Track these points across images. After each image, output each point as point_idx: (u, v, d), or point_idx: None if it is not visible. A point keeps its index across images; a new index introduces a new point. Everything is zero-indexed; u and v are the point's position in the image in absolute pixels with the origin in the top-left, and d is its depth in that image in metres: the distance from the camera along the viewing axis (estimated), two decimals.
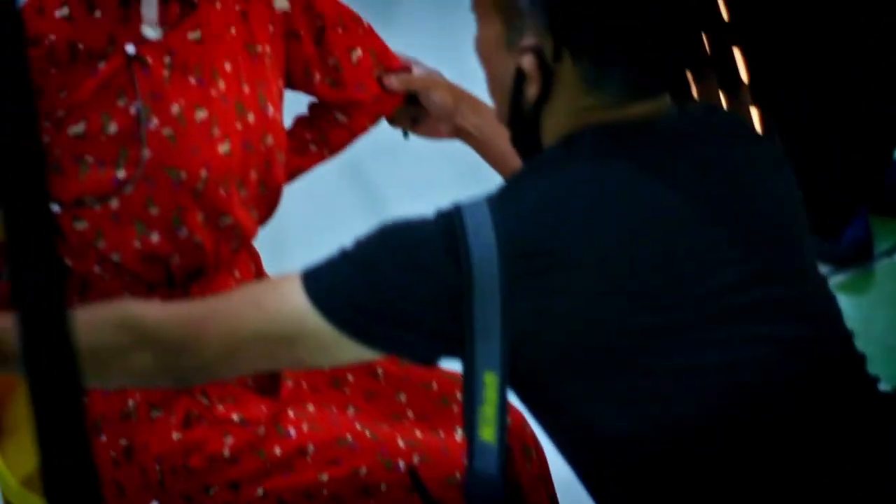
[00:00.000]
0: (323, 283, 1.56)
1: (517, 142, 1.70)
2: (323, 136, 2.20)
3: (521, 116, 1.65)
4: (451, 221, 1.55)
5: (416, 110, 2.22)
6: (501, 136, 1.80)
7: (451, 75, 2.22)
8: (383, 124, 2.26)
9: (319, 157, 2.22)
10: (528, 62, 1.60)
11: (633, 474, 1.61)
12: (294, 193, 2.19)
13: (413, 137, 2.28)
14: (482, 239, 1.52)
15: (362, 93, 2.16)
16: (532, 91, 1.61)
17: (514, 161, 1.78)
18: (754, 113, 2.19)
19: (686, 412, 1.56)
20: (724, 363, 1.56)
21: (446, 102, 2.17)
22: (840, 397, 1.64)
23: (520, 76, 1.61)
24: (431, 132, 2.24)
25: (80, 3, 1.86)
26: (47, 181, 0.98)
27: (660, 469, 1.59)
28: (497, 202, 1.56)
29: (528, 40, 1.60)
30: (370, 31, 2.18)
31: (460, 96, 2.18)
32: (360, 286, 1.55)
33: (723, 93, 2.21)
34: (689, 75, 2.20)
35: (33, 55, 1.79)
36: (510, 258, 1.52)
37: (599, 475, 1.64)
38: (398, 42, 2.23)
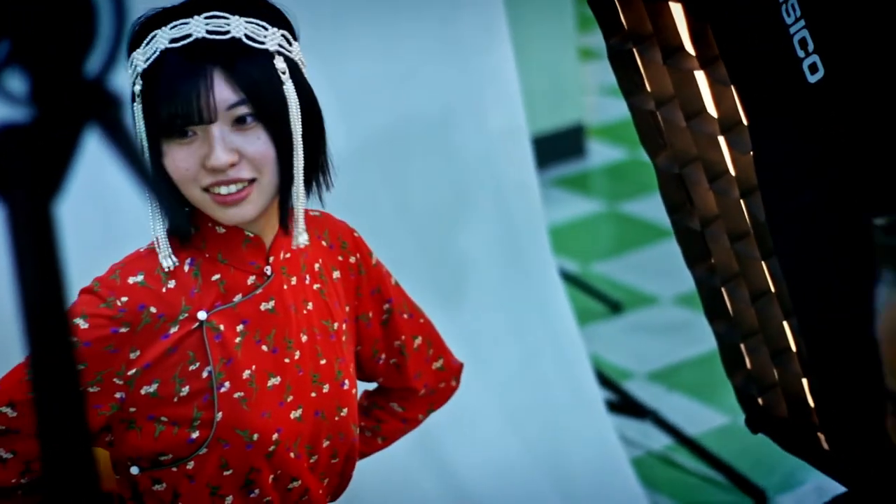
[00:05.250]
0: None
1: None
2: (378, 424, 2.27)
3: None
4: None
5: None
6: None
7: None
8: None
9: (373, 446, 2.27)
10: None
11: None
12: (367, 465, 2.24)
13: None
14: None
15: (419, 382, 2.24)
16: None
17: None
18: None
19: None
20: None
21: None
22: None
23: None
24: None
25: (155, 274, 1.90)
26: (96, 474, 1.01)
27: None
28: None
29: None
30: (429, 323, 2.27)
31: None
32: None
33: None
34: None
35: (104, 314, 1.84)
36: None
37: None
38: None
